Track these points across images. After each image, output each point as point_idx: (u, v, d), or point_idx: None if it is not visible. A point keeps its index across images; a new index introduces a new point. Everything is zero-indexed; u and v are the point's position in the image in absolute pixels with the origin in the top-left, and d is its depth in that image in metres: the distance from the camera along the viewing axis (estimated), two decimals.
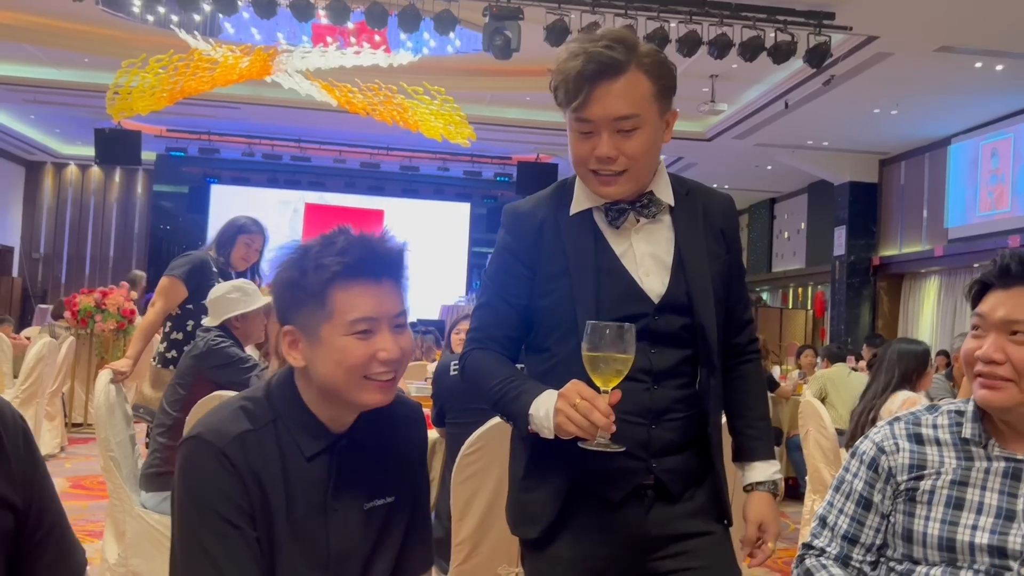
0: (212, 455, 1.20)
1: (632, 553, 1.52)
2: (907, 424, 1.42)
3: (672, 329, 1.50)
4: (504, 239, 1.57)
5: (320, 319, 1.24)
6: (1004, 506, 1.30)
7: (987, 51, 7.30)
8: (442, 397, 2.87)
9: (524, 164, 12.71)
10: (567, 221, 1.52)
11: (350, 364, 1.23)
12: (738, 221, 1.66)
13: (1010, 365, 1.29)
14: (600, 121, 1.43)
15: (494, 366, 1.51)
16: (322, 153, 13.49)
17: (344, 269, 1.23)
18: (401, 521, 1.37)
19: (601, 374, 1.33)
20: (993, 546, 1.28)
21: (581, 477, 1.48)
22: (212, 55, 7.69)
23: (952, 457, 1.36)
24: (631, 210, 1.51)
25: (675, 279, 1.51)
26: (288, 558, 1.24)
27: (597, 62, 1.40)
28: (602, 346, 1.32)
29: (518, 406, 1.42)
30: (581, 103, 1.41)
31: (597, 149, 1.44)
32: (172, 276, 3.69)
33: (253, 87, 9.73)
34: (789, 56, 6.56)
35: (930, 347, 3.56)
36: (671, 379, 1.51)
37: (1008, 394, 1.29)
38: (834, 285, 11.81)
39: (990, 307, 1.33)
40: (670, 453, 1.51)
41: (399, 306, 1.28)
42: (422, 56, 8.19)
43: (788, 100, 8.85)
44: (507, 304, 1.54)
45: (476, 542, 2.39)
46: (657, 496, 1.52)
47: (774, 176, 12.49)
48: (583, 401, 1.31)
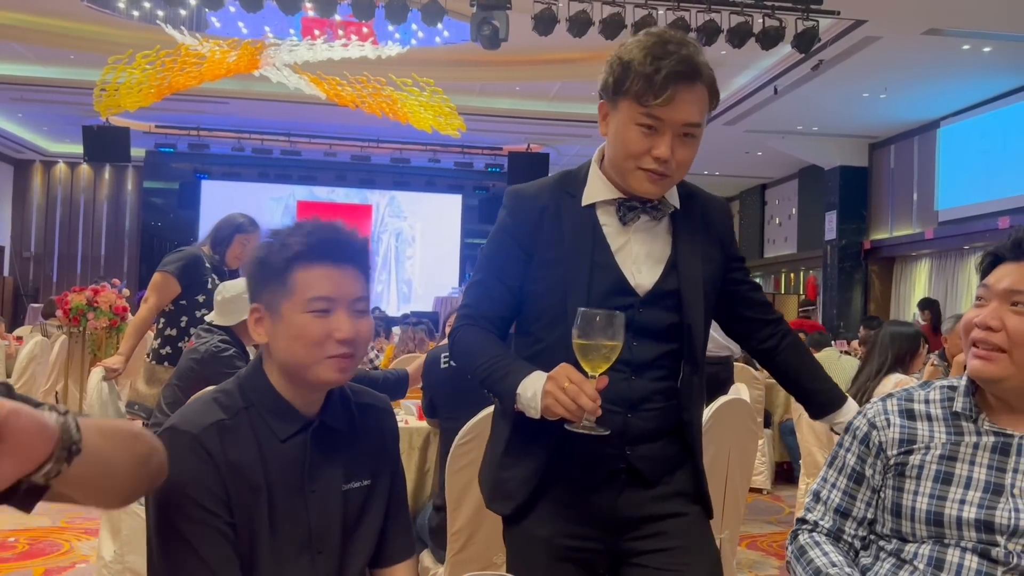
0: (187, 444, 1.24)
1: (606, 533, 1.55)
2: (899, 400, 1.44)
3: (657, 323, 1.53)
4: (504, 220, 1.58)
5: (281, 296, 1.30)
6: (992, 481, 1.31)
7: (975, 33, 7.31)
8: (433, 388, 2.86)
9: (515, 154, 12.71)
10: (569, 211, 1.54)
11: (307, 340, 1.28)
12: (732, 223, 1.73)
13: (1005, 334, 1.30)
14: (671, 123, 1.44)
15: (483, 344, 1.54)
16: (312, 147, 13.46)
17: (307, 249, 1.29)
18: (379, 506, 1.41)
19: (590, 360, 1.37)
20: (980, 520, 1.29)
21: (557, 459, 1.52)
22: (199, 50, 7.66)
23: (942, 432, 1.38)
24: (642, 209, 1.54)
25: (666, 275, 1.54)
26: (270, 540, 1.28)
27: (687, 64, 1.43)
28: (592, 333, 1.35)
29: (505, 385, 1.45)
30: (662, 102, 1.42)
31: (657, 149, 1.45)
32: (165, 272, 3.69)
33: (241, 81, 9.70)
34: (777, 41, 6.56)
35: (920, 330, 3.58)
36: (650, 371, 1.54)
37: (1000, 365, 1.30)
38: (826, 270, 11.85)
39: (996, 277, 1.34)
40: (645, 441, 1.54)
41: (359, 292, 1.33)
42: (410, 47, 8.17)
43: (777, 86, 8.85)
44: (501, 284, 1.57)
45: (472, 531, 2.40)
46: (630, 480, 1.55)
47: (764, 162, 12.51)
48: (571, 385, 1.34)
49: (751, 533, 4.75)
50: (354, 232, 1.36)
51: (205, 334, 3.06)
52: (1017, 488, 1.30)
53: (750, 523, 4.87)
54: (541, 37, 6.56)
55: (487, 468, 1.65)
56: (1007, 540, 1.28)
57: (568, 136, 12.01)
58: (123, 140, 11.41)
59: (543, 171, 12.46)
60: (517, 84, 10.16)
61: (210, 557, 1.23)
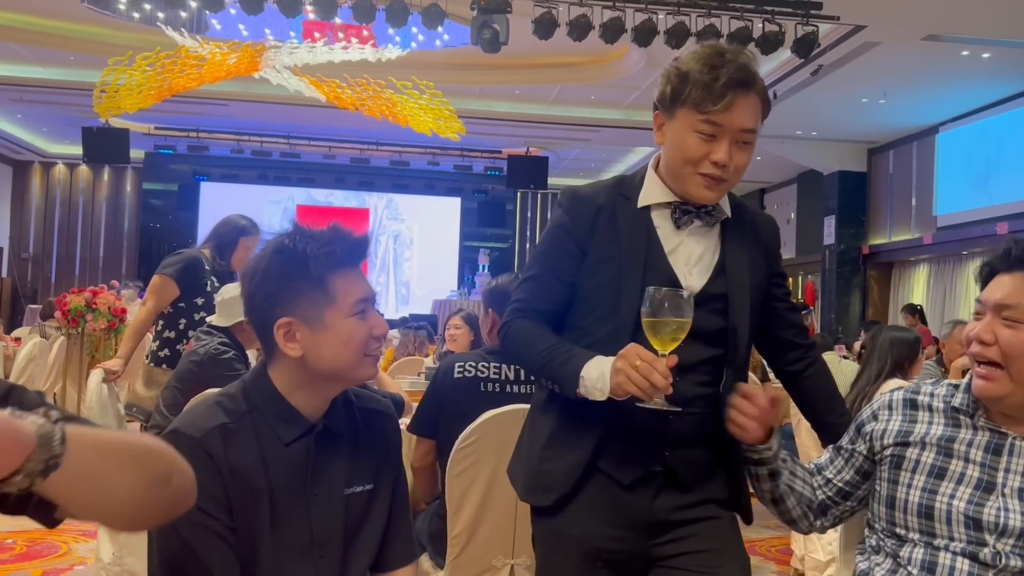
0: (190, 448, 1.24)
1: (638, 535, 1.57)
2: (907, 392, 1.49)
3: (705, 327, 1.54)
4: (561, 218, 1.63)
5: (324, 305, 1.31)
6: (984, 478, 1.33)
7: (974, 39, 7.33)
8: (441, 401, 2.60)
9: (514, 158, 12.71)
10: (624, 212, 1.59)
11: (357, 343, 1.32)
12: (779, 240, 1.77)
13: (998, 347, 1.31)
14: (729, 128, 1.50)
15: (541, 332, 1.58)
16: (311, 149, 13.46)
17: (342, 255, 1.32)
18: (381, 510, 1.42)
19: (660, 338, 1.41)
20: (969, 516, 1.31)
21: (598, 456, 1.55)
22: (199, 52, 7.66)
23: (939, 424, 1.41)
24: (696, 214, 1.58)
25: (715, 279, 1.58)
26: (272, 544, 1.29)
27: (744, 72, 1.49)
28: (662, 312, 1.40)
29: (568, 369, 1.48)
30: (722, 108, 1.48)
31: (715, 154, 1.50)
32: (164, 274, 3.68)
33: (241, 83, 9.70)
34: (777, 46, 6.57)
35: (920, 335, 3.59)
36: (694, 374, 1.55)
37: (999, 384, 1.31)
38: (824, 274, 11.86)
39: (990, 291, 1.36)
40: (685, 445, 1.56)
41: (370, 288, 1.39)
42: (410, 50, 8.18)
43: (777, 90, 8.87)
44: (556, 279, 1.60)
45: (471, 534, 2.40)
46: (667, 483, 1.57)
47: (763, 166, 12.53)
48: (643, 363, 1.37)
49: (750, 538, 4.75)
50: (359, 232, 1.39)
51: (204, 336, 3.06)
52: (1008, 488, 1.31)
53: (749, 528, 4.85)
54: (541, 41, 6.57)
55: (523, 461, 1.67)
56: (996, 539, 1.29)
57: (568, 140, 12.01)
58: (122, 141, 11.41)
59: (543, 175, 12.46)
60: (517, 87, 10.17)
61: (210, 561, 1.23)
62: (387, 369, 5.53)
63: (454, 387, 2.60)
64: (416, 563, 1.49)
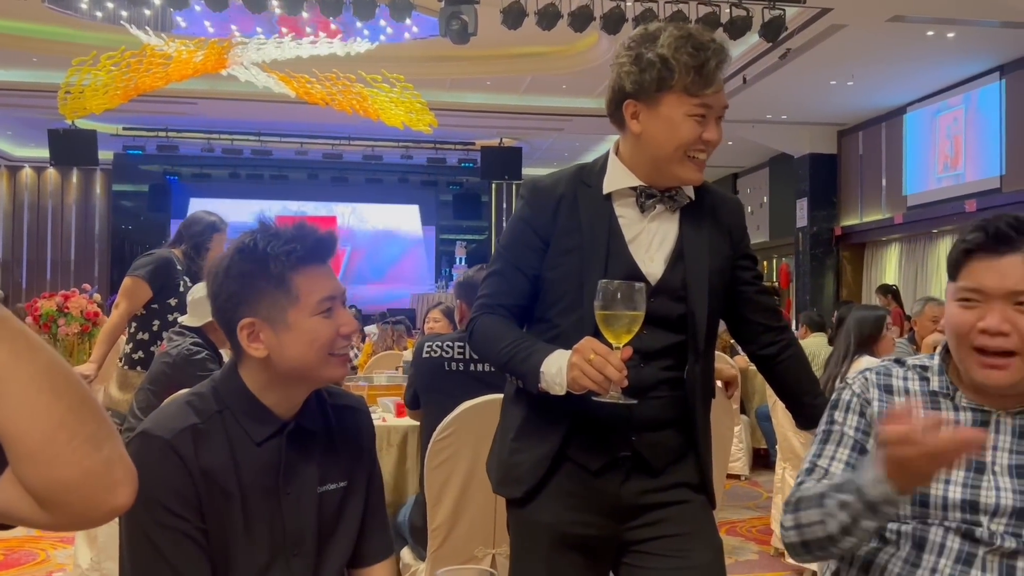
0: (159, 449, 1.23)
1: (608, 520, 1.59)
2: (880, 375, 1.42)
3: (666, 313, 1.57)
4: (522, 211, 1.64)
5: (286, 305, 1.29)
6: (974, 458, 1.29)
7: (938, 19, 7.40)
8: (415, 379, 2.83)
9: (488, 149, 12.67)
10: (586, 200, 1.60)
11: (321, 342, 1.30)
12: (744, 221, 1.77)
13: (1017, 337, 1.25)
14: (716, 107, 1.54)
15: (504, 329, 1.59)
16: (283, 146, 13.34)
17: (303, 254, 1.30)
18: (356, 507, 1.41)
19: (613, 330, 1.40)
20: (966, 500, 1.27)
21: (566, 445, 1.57)
22: (165, 50, 7.56)
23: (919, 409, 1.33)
24: (659, 199, 1.59)
25: (673, 266, 1.59)
26: (244, 544, 1.28)
27: (724, 55, 1.53)
28: (614, 304, 1.40)
29: (529, 364, 1.49)
30: (713, 90, 1.51)
31: (708, 133, 1.53)
32: (136, 276, 3.64)
33: (209, 81, 9.59)
34: (745, 31, 6.60)
35: (887, 313, 3.63)
36: (659, 360, 1.58)
37: (1013, 371, 1.26)
38: (798, 256, 11.96)
39: (987, 276, 1.27)
40: (651, 429, 1.58)
41: (341, 284, 1.36)
42: (379, 44, 8.12)
43: (746, 75, 8.91)
44: (520, 273, 1.61)
45: (452, 526, 2.41)
46: (635, 468, 1.58)
47: (735, 151, 12.59)
48: (597, 356, 1.38)
49: (730, 519, 4.80)
50: (325, 229, 1.37)
51: (177, 337, 3.03)
52: (998, 466, 1.28)
53: (729, 509, 4.92)
54: (510, 31, 6.56)
55: (496, 454, 1.69)
56: (990, 520, 1.27)
57: (541, 130, 12.00)
58: (90, 143, 11.24)
59: (516, 166, 12.44)
60: (488, 78, 10.14)
61: (181, 563, 1.22)
62: (365, 364, 5.52)
63: (422, 365, 2.78)
64: (394, 557, 1.49)
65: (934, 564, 1.29)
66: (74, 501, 0.78)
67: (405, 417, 3.13)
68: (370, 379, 4.21)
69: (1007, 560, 1.26)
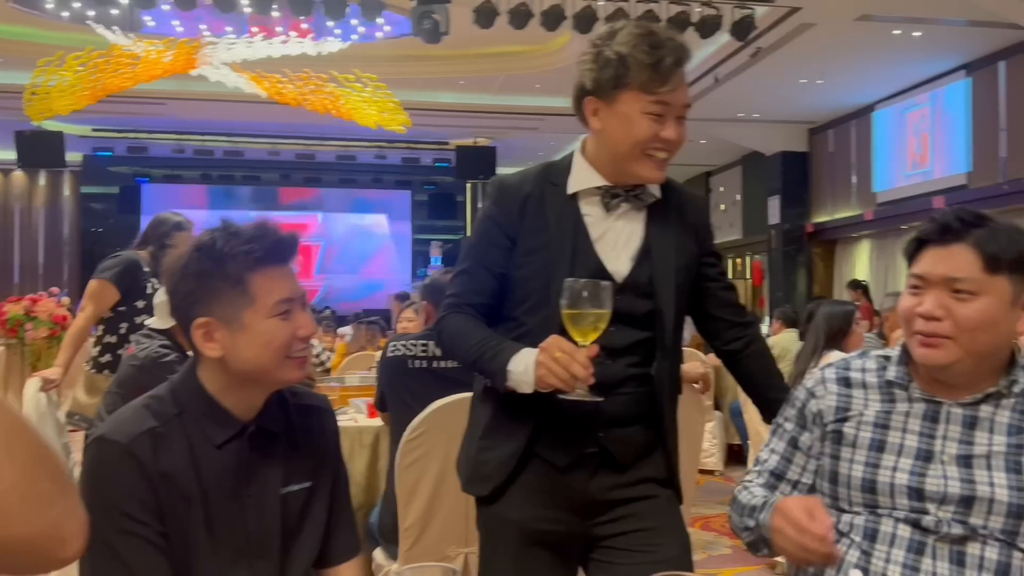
0: (117, 454, 1.21)
1: (575, 516, 1.60)
2: (838, 368, 1.47)
3: (633, 311, 1.57)
4: (489, 209, 1.63)
5: (242, 306, 1.28)
6: (923, 447, 1.33)
7: (904, 18, 7.50)
8: (381, 380, 2.86)
9: (462, 149, 12.65)
10: (552, 199, 1.59)
11: (277, 344, 1.28)
12: (710, 219, 1.78)
13: (951, 322, 1.30)
14: (675, 106, 1.53)
15: (472, 328, 1.58)
16: (255, 146, 13.23)
17: (262, 255, 1.28)
18: (321, 507, 1.40)
19: (580, 329, 1.40)
20: (912, 487, 1.31)
21: (533, 441, 1.58)
22: (133, 50, 7.47)
23: (876, 399, 1.40)
24: (625, 198, 1.59)
25: (640, 264, 1.59)
26: (206, 547, 1.26)
27: (683, 51, 1.53)
28: (580, 303, 1.39)
29: (496, 363, 1.49)
30: (669, 88, 1.50)
31: (665, 132, 1.52)
32: (102, 279, 3.60)
33: (179, 81, 9.48)
34: (715, 30, 6.65)
35: (856, 308, 3.67)
36: (625, 356, 1.58)
37: (947, 351, 1.30)
38: (771, 253, 12.07)
39: (931, 264, 1.33)
40: (618, 425, 1.58)
41: (302, 287, 1.35)
42: (351, 43, 8.08)
43: (717, 74, 8.97)
44: (487, 272, 1.61)
45: (424, 526, 2.40)
46: (603, 464, 1.59)
47: (708, 150, 12.67)
48: (563, 354, 1.38)
49: (704, 514, 4.83)
50: (287, 230, 1.36)
51: (145, 340, 2.99)
52: (946, 455, 1.32)
53: (703, 504, 4.95)
54: (483, 30, 6.55)
55: (465, 452, 1.69)
56: (937, 508, 1.30)
57: (514, 129, 12.00)
58: (57, 145, 11.08)
59: (491, 165, 12.42)
60: (461, 78, 10.12)
61: (141, 569, 1.20)
62: (339, 365, 5.49)
63: (388, 364, 2.80)
64: (360, 557, 1.48)
65: (887, 554, 1.32)
66: (23, 554, 0.78)
67: (377, 418, 3.12)
68: (342, 380, 4.19)
69: (956, 546, 1.29)
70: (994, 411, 1.33)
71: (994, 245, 1.30)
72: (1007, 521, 1.28)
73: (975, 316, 1.29)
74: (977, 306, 1.29)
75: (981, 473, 1.30)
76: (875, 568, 1.32)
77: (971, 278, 1.29)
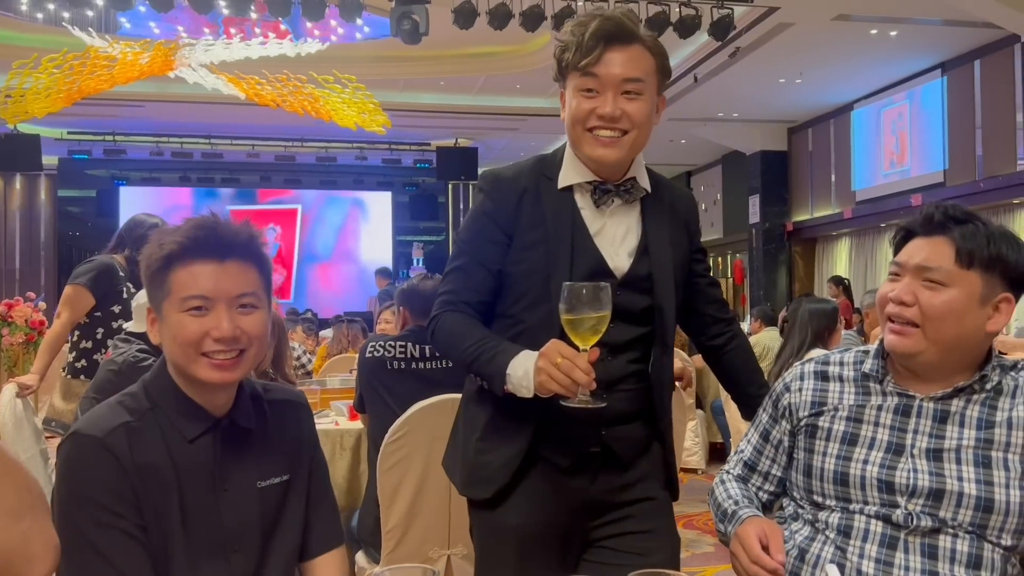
0: (92, 448, 1.21)
1: (576, 519, 1.58)
2: (817, 363, 1.50)
3: (632, 307, 1.55)
4: (483, 204, 1.58)
5: (162, 297, 1.29)
6: (894, 441, 1.36)
7: (881, 18, 7.57)
8: (359, 382, 2.84)
9: (443, 149, 12.63)
10: (548, 193, 1.56)
11: (183, 340, 1.27)
12: (698, 214, 1.77)
13: (918, 308, 1.33)
14: (608, 80, 1.48)
15: (468, 327, 1.53)
16: (234, 148, 13.12)
17: (181, 249, 1.28)
18: (299, 500, 1.40)
19: (580, 333, 1.37)
20: (882, 480, 1.34)
21: (535, 443, 1.54)
22: (109, 52, 7.38)
23: (851, 393, 1.43)
24: (615, 193, 1.56)
25: (639, 260, 1.57)
26: (183, 541, 1.26)
27: (614, 24, 1.48)
28: (579, 307, 1.35)
29: (495, 366, 1.44)
30: (592, 60, 1.47)
31: (600, 108, 1.48)
32: (77, 284, 3.55)
33: (157, 83, 9.40)
34: (694, 30, 6.68)
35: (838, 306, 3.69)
36: (625, 353, 1.57)
37: (914, 340, 1.33)
38: (751, 252, 12.14)
39: (909, 253, 1.38)
40: (619, 423, 1.57)
41: (243, 287, 1.29)
42: (330, 44, 8.04)
43: (697, 74, 9.01)
44: (483, 268, 1.56)
45: (406, 528, 2.39)
46: (604, 463, 1.58)
47: (688, 149, 12.74)
48: (564, 360, 1.34)
49: (687, 512, 4.85)
50: (239, 225, 1.32)
51: (123, 344, 2.96)
52: (916, 448, 1.34)
53: (686, 503, 4.96)
54: (463, 31, 6.54)
55: (459, 454, 1.64)
56: (907, 500, 1.32)
57: (496, 129, 11.99)
58: (33, 148, 10.95)
59: (472, 166, 12.41)
60: (441, 79, 10.10)
61: (120, 561, 1.20)
62: (320, 368, 5.45)
63: (366, 365, 2.78)
64: (343, 547, 1.48)
65: (861, 549, 1.34)
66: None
67: (358, 420, 3.10)
68: (323, 383, 4.16)
69: (928, 539, 1.31)
70: (964, 406, 1.36)
71: (972, 242, 1.33)
72: (975, 515, 1.30)
73: (940, 306, 1.32)
74: (944, 297, 1.32)
75: (951, 467, 1.32)
76: (850, 563, 1.34)
77: (942, 268, 1.33)
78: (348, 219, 15.59)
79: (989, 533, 1.30)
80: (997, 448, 1.32)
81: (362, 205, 15.56)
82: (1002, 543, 1.30)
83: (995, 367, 1.38)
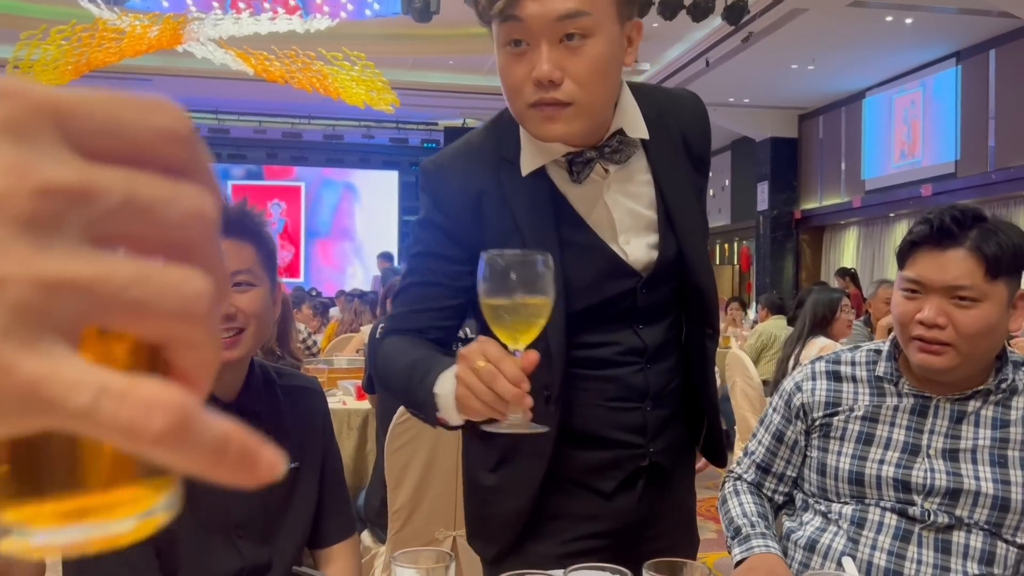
0: None
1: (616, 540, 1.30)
2: (828, 363, 1.48)
3: (660, 300, 1.24)
4: (431, 214, 1.20)
5: None
6: (910, 441, 1.35)
7: (897, 5, 7.50)
8: (368, 361, 2.84)
9: (451, 130, 12.60)
10: (513, 186, 1.17)
11: None
12: (709, 127, 1.31)
13: (952, 330, 1.29)
14: (535, 23, 1.05)
15: (402, 349, 1.16)
16: (241, 124, 13.12)
17: None
18: (309, 488, 1.39)
19: (507, 327, 0.94)
20: (898, 479, 1.33)
21: (564, 472, 1.23)
22: (118, 25, 7.35)
23: (865, 394, 1.41)
24: (597, 159, 1.16)
25: (664, 240, 1.21)
26: (190, 525, 1.25)
27: None
28: (505, 288, 0.91)
29: (424, 390, 1.06)
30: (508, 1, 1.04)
31: (535, 69, 1.06)
32: None
33: (165, 57, 9.36)
34: (708, 14, 6.62)
35: (843, 295, 3.69)
36: (663, 353, 1.27)
37: (947, 358, 1.30)
38: (758, 240, 12.11)
39: (930, 270, 1.30)
40: (665, 431, 1.30)
41: (236, 264, 1.25)
42: (340, 21, 7.99)
43: (709, 58, 8.95)
44: (438, 287, 1.21)
45: (412, 509, 2.39)
46: (650, 479, 1.29)
47: None
48: (486, 364, 0.91)
49: None
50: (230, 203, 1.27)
51: None
52: (933, 448, 1.34)
53: None
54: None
55: (468, 494, 1.36)
56: (923, 499, 1.32)
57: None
58: None
59: None
60: (451, 58, 10.04)
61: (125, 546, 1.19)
62: (327, 346, 5.46)
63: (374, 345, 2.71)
64: (356, 537, 1.48)
65: (874, 540, 1.34)
66: None
67: (365, 400, 3.10)
68: (330, 362, 4.16)
69: (942, 534, 1.31)
70: (980, 406, 1.35)
71: (991, 248, 1.29)
72: (992, 513, 1.30)
73: (976, 323, 1.29)
74: (978, 313, 1.29)
75: (967, 467, 1.32)
76: (862, 554, 1.34)
77: (973, 286, 1.29)
78: (354, 198, 15.58)
79: (1004, 531, 1.30)
80: (1013, 447, 1.32)
81: (368, 184, 15.54)
82: (1017, 540, 1.30)
83: (1009, 364, 1.37)
